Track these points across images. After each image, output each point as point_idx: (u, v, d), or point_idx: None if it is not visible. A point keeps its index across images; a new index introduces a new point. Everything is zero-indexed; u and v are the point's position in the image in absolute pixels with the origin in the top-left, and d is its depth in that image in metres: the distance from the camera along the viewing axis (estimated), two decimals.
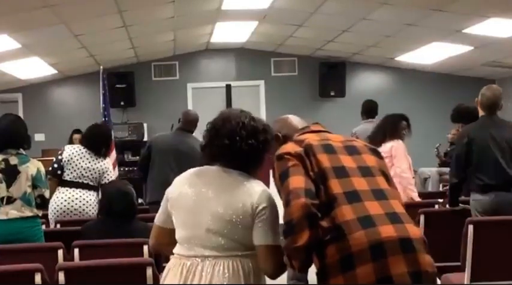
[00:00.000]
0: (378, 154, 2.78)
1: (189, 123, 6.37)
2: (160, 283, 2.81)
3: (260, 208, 2.68)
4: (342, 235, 2.44)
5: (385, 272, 2.39)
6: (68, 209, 5.69)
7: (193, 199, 2.74)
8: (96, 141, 5.87)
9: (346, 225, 2.44)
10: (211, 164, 2.83)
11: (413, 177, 6.33)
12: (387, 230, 2.43)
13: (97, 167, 5.80)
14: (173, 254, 2.80)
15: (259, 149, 2.77)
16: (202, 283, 2.65)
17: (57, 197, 5.73)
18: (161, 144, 6.33)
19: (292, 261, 2.50)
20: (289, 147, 2.67)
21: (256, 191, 2.71)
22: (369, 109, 7.87)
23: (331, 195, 2.51)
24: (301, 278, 2.51)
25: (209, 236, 2.68)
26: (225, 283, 2.63)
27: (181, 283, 2.67)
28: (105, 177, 5.83)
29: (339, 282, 2.43)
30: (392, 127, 6.21)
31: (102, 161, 5.86)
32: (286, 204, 2.51)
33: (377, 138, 6.21)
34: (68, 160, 5.76)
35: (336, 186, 2.53)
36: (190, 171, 2.85)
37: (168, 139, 6.40)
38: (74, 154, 5.79)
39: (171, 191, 2.84)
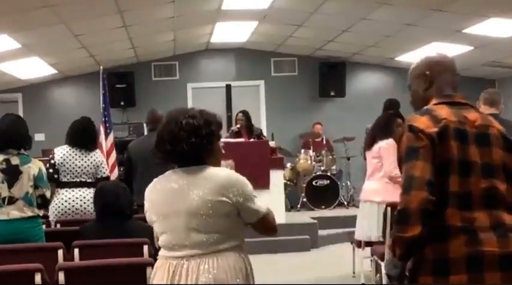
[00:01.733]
0: (509, 146, 2.55)
1: (157, 121, 6.36)
2: (149, 283, 2.86)
3: (235, 191, 2.73)
4: (443, 237, 2.37)
5: None
6: (69, 209, 5.69)
7: (165, 204, 2.79)
8: (80, 137, 5.85)
9: (450, 229, 2.37)
10: (168, 166, 2.88)
11: None
12: (490, 244, 2.35)
13: (90, 162, 5.81)
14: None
15: (203, 144, 2.79)
16: (188, 282, 2.69)
17: (57, 199, 5.72)
18: (138, 149, 6.34)
19: (396, 248, 2.43)
20: (424, 123, 2.47)
21: (222, 176, 2.76)
22: (389, 107, 7.59)
23: (446, 192, 2.40)
24: (398, 265, 2.49)
25: (190, 235, 2.72)
26: (211, 281, 2.68)
27: (168, 283, 2.71)
28: (100, 170, 5.84)
29: (427, 281, 2.38)
30: (386, 126, 6.14)
31: (94, 155, 5.87)
32: (407, 189, 2.38)
33: (368, 138, 6.25)
34: (61, 163, 5.75)
35: (454, 184, 2.41)
36: (154, 180, 2.90)
37: (142, 142, 6.43)
38: (65, 155, 5.78)
39: (145, 204, 2.90)
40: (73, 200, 5.70)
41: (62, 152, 5.80)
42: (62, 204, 5.70)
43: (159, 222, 2.81)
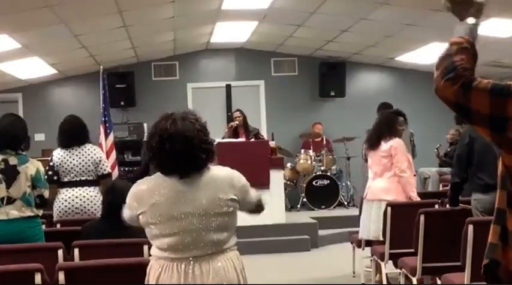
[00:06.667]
0: None
1: None
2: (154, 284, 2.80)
3: (239, 186, 2.84)
4: None
5: None
6: (69, 208, 5.69)
7: (172, 206, 2.75)
8: (68, 138, 5.81)
9: None
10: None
11: (414, 175, 6.29)
12: None
13: (88, 160, 5.77)
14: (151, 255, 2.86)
15: (194, 151, 2.75)
16: (204, 282, 2.69)
17: (59, 199, 5.72)
18: None
19: None
20: None
21: (226, 174, 2.85)
22: (384, 109, 7.52)
23: None
24: None
25: (201, 236, 2.73)
26: (224, 281, 2.71)
27: (182, 282, 2.70)
28: (101, 168, 5.81)
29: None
30: (389, 125, 6.16)
31: (92, 152, 5.81)
32: None
33: (373, 138, 6.21)
34: (60, 164, 5.74)
35: None
36: (149, 185, 2.82)
37: None
38: (62, 156, 5.77)
39: (140, 207, 2.81)
40: (73, 200, 5.70)
41: (60, 154, 5.80)
42: (63, 204, 5.70)
43: (163, 224, 2.75)
